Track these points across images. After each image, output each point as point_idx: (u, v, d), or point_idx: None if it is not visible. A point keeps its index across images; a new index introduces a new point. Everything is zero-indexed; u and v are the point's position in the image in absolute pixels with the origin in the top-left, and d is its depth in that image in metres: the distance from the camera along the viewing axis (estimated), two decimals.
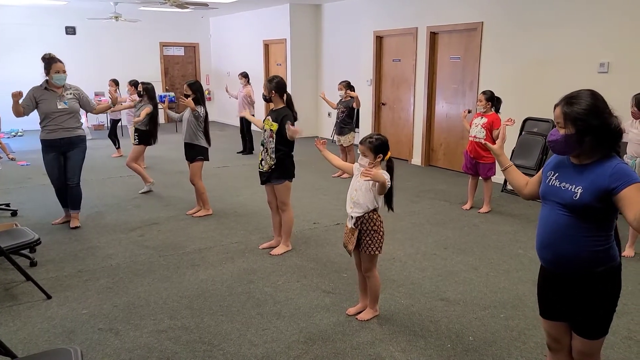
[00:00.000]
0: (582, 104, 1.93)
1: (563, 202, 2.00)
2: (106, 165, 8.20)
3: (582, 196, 1.93)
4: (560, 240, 2.01)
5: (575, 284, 2.04)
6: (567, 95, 1.99)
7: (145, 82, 6.54)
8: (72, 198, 5.05)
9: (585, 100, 1.94)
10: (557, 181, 2.05)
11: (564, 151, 2.02)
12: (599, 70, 5.73)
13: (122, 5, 10.29)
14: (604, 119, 1.93)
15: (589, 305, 2.02)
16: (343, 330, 3.14)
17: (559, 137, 1.98)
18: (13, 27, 11.35)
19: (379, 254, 3.15)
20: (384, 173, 2.97)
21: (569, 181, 2.00)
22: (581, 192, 1.94)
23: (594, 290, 2.01)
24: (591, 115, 1.91)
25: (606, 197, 1.90)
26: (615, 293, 2.03)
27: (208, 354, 2.89)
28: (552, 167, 2.13)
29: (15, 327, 3.18)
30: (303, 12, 10.70)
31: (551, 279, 2.14)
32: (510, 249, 4.49)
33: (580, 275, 2.01)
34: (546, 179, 2.12)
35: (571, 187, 1.98)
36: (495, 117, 5.35)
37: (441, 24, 7.58)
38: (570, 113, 1.94)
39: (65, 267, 4.13)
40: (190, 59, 13.97)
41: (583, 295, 2.03)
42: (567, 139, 1.95)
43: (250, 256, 4.35)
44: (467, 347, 2.96)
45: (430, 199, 6.18)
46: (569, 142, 1.96)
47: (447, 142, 7.91)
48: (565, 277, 2.06)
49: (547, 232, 2.07)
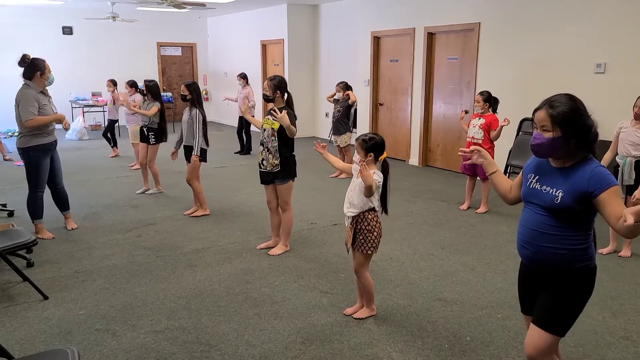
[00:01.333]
0: (566, 106, 1.97)
1: (544, 204, 2.05)
2: (103, 166, 8.18)
3: (562, 199, 1.98)
4: (540, 239, 2.07)
5: (552, 280, 2.09)
6: (547, 99, 2.03)
7: (148, 79, 6.54)
8: (63, 199, 4.97)
9: (567, 103, 1.98)
10: (538, 184, 2.09)
11: (548, 154, 2.05)
12: (595, 70, 5.74)
13: (120, 5, 10.27)
14: (585, 121, 1.98)
15: (558, 298, 2.07)
16: (340, 331, 3.14)
17: (545, 140, 2.00)
18: (10, 26, 11.32)
19: (373, 255, 3.15)
20: (376, 173, 2.98)
21: (549, 184, 2.04)
22: (562, 195, 1.98)
23: (566, 286, 2.06)
24: (576, 117, 1.96)
25: (585, 199, 1.95)
26: (585, 293, 2.07)
27: (205, 355, 2.89)
28: (531, 169, 2.16)
29: (11, 328, 3.17)
30: (300, 13, 10.71)
31: (529, 276, 2.21)
32: (508, 249, 4.50)
33: (558, 272, 2.07)
34: (527, 182, 2.16)
35: (552, 190, 2.02)
36: (492, 118, 5.36)
37: (438, 25, 7.59)
38: (557, 115, 1.96)
39: (62, 267, 4.12)
40: (188, 59, 13.96)
41: (555, 288, 2.08)
42: (554, 141, 1.98)
43: (247, 256, 4.35)
44: (464, 348, 2.96)
45: (427, 199, 6.19)
46: (555, 144, 1.98)
47: (444, 142, 7.92)
48: (544, 273, 2.12)
49: (527, 231, 2.12)
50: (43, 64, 4.49)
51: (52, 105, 4.62)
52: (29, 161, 4.58)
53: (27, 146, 4.50)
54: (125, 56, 12.59)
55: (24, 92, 4.43)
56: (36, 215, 4.74)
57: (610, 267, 4.05)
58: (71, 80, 11.90)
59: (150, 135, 6.28)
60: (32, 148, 4.51)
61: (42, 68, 4.48)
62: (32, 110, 4.38)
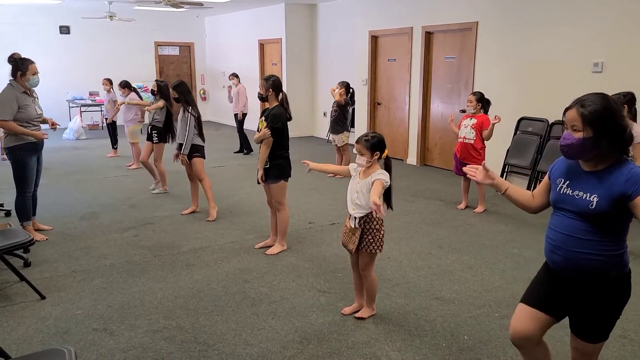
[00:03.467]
0: (597, 105, 1.87)
1: (578, 210, 1.95)
2: (100, 165, 8.17)
3: (598, 204, 1.88)
4: (573, 244, 1.97)
5: (584, 288, 2.00)
6: (579, 98, 1.93)
7: (159, 79, 6.58)
8: (35, 203, 4.80)
9: (600, 103, 1.88)
10: (569, 189, 1.98)
11: (579, 155, 1.94)
12: (592, 70, 5.75)
13: (117, 5, 10.25)
14: (619, 122, 1.88)
15: (595, 309, 1.99)
16: (338, 330, 3.14)
17: (575, 141, 1.90)
18: (6, 26, 11.28)
19: (379, 253, 3.15)
20: (382, 173, 2.97)
21: (582, 189, 1.94)
22: (597, 200, 1.88)
23: (602, 295, 1.98)
24: (609, 117, 1.86)
25: (622, 203, 1.86)
26: (623, 300, 2.01)
27: (203, 354, 2.89)
28: (561, 173, 2.05)
29: (8, 328, 3.16)
30: (298, 12, 10.71)
31: (557, 279, 2.09)
32: (505, 248, 4.50)
33: (591, 280, 1.98)
34: (556, 187, 2.05)
35: (585, 195, 1.92)
36: (484, 118, 5.36)
37: (436, 24, 7.59)
38: (589, 115, 1.86)
39: (59, 267, 4.11)
40: (185, 59, 13.94)
41: (591, 299, 1.99)
42: (585, 142, 1.88)
43: (245, 256, 4.34)
44: (462, 346, 2.96)
45: (425, 199, 6.19)
46: (586, 145, 1.88)
47: (442, 141, 7.92)
48: (575, 280, 2.02)
49: (559, 235, 2.02)
50: (27, 65, 4.35)
51: (36, 106, 4.50)
52: (15, 160, 4.48)
53: (14, 145, 4.40)
54: (123, 56, 12.56)
55: (5, 91, 4.34)
56: (25, 217, 4.62)
57: None
58: (68, 80, 11.89)
59: (153, 134, 6.26)
60: (18, 147, 4.41)
61: (24, 69, 4.33)
62: (8, 111, 4.26)
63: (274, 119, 4.06)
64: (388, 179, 2.98)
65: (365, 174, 3.04)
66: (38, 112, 4.50)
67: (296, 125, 11.03)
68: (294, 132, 4.92)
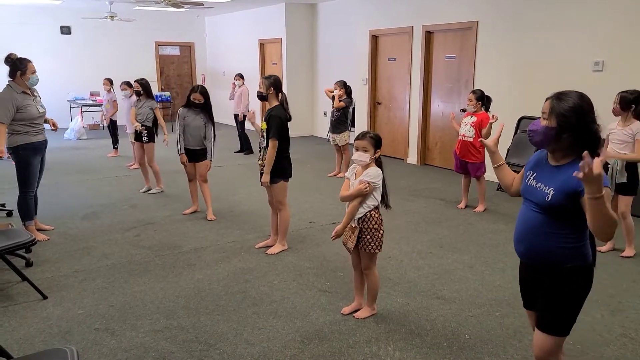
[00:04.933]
0: (569, 101, 1.98)
1: (536, 201, 2.06)
2: (101, 165, 8.18)
3: (553, 197, 1.98)
4: (532, 236, 2.09)
5: (545, 277, 2.10)
6: (560, 91, 2.05)
7: (139, 78, 6.50)
8: (36, 202, 4.80)
9: (572, 99, 1.98)
10: (535, 181, 2.10)
11: (540, 143, 2.05)
12: (593, 68, 5.75)
13: (118, 5, 10.26)
14: (586, 121, 1.97)
15: (553, 299, 2.07)
16: (339, 329, 3.15)
17: (539, 128, 2.03)
18: (7, 26, 11.28)
19: (378, 252, 3.16)
20: (373, 175, 3.00)
21: (543, 181, 2.05)
22: (552, 193, 1.99)
23: (560, 286, 2.06)
24: (574, 114, 1.96)
25: (576, 197, 1.93)
26: (581, 293, 2.06)
27: (204, 354, 2.89)
28: (531, 166, 2.17)
29: (10, 328, 3.17)
30: (299, 11, 10.71)
31: (527, 271, 2.23)
32: (506, 247, 4.51)
33: (550, 270, 2.07)
34: (526, 178, 2.17)
35: (544, 187, 2.03)
36: (484, 116, 5.36)
37: (436, 23, 7.59)
38: (556, 107, 1.98)
39: (61, 267, 4.12)
40: (186, 59, 13.95)
41: (551, 289, 2.08)
42: (547, 131, 2.00)
43: (246, 255, 4.35)
44: (463, 345, 2.97)
45: (425, 198, 6.19)
46: (547, 134, 2.00)
47: (442, 141, 7.93)
48: (538, 270, 2.13)
49: (521, 227, 2.14)
50: (25, 64, 4.36)
51: (38, 105, 4.50)
52: (19, 160, 4.49)
53: (17, 145, 4.41)
54: (124, 55, 12.57)
55: (4, 91, 4.35)
56: (27, 217, 4.63)
57: (609, 265, 4.05)
58: (69, 80, 11.89)
59: (143, 134, 6.26)
60: (21, 147, 4.42)
61: (23, 68, 4.35)
62: (4, 113, 4.25)
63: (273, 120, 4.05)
64: (379, 180, 3.01)
65: (362, 171, 3.08)
66: (40, 111, 4.50)
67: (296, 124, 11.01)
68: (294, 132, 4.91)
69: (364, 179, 3.01)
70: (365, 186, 2.98)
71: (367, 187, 2.99)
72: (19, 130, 4.39)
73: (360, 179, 3.03)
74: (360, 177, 3.04)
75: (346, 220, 3.10)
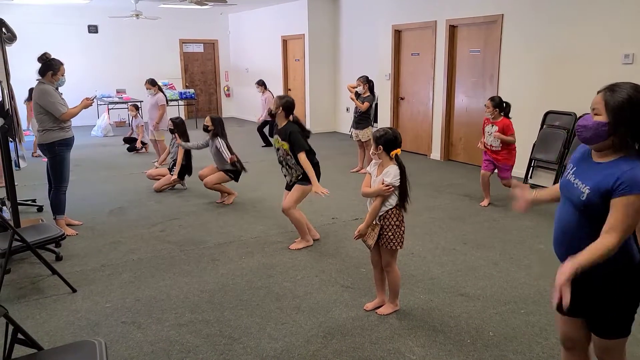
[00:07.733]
0: (624, 93, 1.81)
1: (571, 199, 1.94)
2: (127, 162, 8.33)
3: (588, 197, 1.85)
4: (571, 239, 1.95)
5: (589, 282, 1.94)
6: (610, 84, 1.89)
7: (174, 117, 6.66)
8: None
9: (627, 91, 1.81)
10: (573, 176, 1.96)
11: (591, 139, 1.88)
12: (623, 61, 5.60)
13: (143, 3, 10.41)
14: None
15: (603, 304, 1.95)
16: (362, 325, 3.15)
17: (590, 123, 1.86)
18: (37, 26, 11.54)
19: (400, 249, 3.15)
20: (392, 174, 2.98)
21: (580, 178, 1.92)
22: (588, 192, 1.85)
23: (608, 290, 1.93)
24: (632, 107, 1.79)
25: (608, 197, 1.80)
26: (632, 293, 1.93)
27: (228, 348, 2.93)
28: (574, 160, 2.03)
29: (41, 320, 3.27)
30: (321, 7, 10.69)
31: None
32: (531, 244, 4.44)
33: (594, 274, 1.90)
34: (566, 172, 2.04)
35: (581, 185, 1.90)
36: (505, 123, 5.27)
37: (460, 17, 7.49)
38: (611, 100, 1.82)
39: (89, 261, 4.22)
40: (210, 56, 14.07)
41: (598, 294, 1.95)
42: (598, 126, 1.83)
43: (269, 251, 4.38)
44: (487, 343, 2.94)
45: (449, 194, 6.13)
46: (599, 130, 1.83)
47: (466, 136, 7.83)
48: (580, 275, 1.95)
49: (559, 230, 2.01)
50: (58, 65, 4.54)
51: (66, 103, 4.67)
52: (54, 156, 4.63)
53: (52, 141, 4.56)
54: (149, 53, 12.75)
55: (45, 88, 4.49)
56: (60, 211, 4.79)
57: None
58: (97, 78, 12.12)
59: (172, 168, 6.45)
60: (57, 143, 4.57)
61: (56, 69, 4.53)
62: (63, 103, 4.52)
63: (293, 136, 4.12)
64: (397, 179, 2.98)
65: (379, 170, 3.07)
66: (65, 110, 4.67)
67: (319, 121, 11.09)
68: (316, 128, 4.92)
69: (385, 180, 2.99)
70: (387, 188, 2.97)
71: (389, 189, 2.97)
72: (53, 127, 4.54)
73: (380, 179, 3.01)
74: (380, 177, 3.02)
75: (369, 220, 3.09)
